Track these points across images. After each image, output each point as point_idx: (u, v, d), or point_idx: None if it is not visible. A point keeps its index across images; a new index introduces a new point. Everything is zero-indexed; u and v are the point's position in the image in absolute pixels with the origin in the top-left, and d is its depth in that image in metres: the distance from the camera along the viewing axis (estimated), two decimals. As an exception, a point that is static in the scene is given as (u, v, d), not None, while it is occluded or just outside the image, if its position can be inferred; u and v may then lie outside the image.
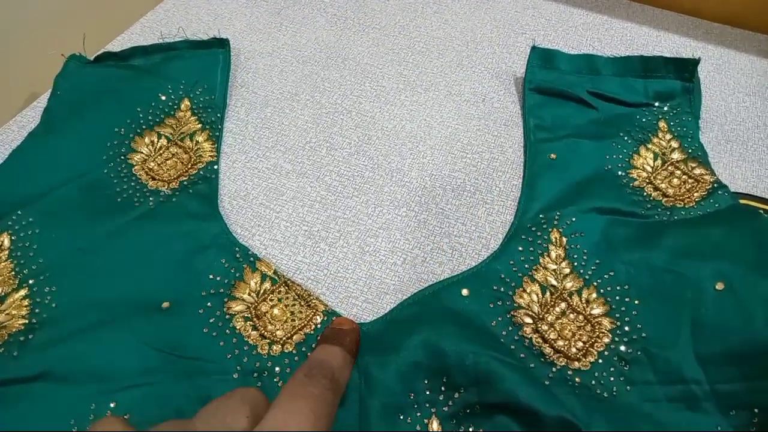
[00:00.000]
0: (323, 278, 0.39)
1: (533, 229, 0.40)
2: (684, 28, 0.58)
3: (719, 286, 0.35)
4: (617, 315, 0.35)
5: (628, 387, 0.32)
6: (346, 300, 0.38)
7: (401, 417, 0.31)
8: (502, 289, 0.36)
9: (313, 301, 0.37)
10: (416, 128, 0.49)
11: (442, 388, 0.32)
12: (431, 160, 0.46)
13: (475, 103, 0.51)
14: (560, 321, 0.35)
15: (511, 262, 0.38)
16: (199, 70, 0.51)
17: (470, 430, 0.31)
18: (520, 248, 0.39)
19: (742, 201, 0.42)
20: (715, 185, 0.42)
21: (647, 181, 0.43)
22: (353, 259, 0.40)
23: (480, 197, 0.44)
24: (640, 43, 0.56)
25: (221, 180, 0.45)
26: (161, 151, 0.45)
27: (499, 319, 0.35)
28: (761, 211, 0.40)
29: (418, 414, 0.31)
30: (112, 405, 0.32)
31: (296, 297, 0.37)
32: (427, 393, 0.32)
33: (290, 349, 0.34)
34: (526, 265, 0.38)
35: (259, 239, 0.41)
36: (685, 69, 0.49)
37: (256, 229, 0.42)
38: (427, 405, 0.31)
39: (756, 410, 0.31)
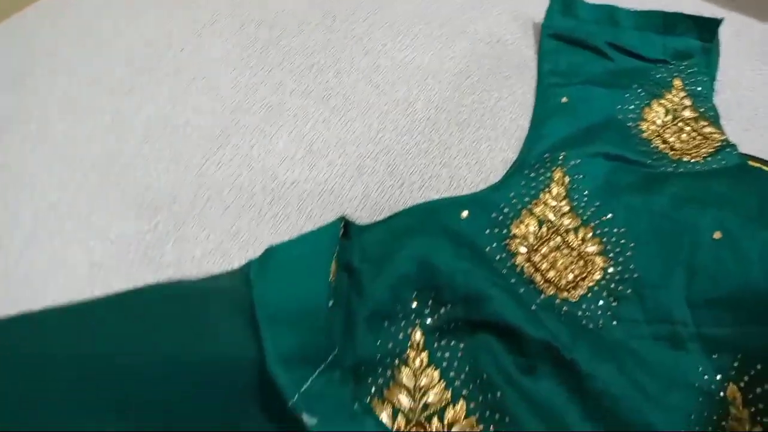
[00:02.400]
0: (319, 194, 0.39)
1: (536, 166, 0.39)
2: (708, -7, 0.56)
3: (716, 235, 0.34)
4: (611, 255, 0.35)
5: (614, 322, 0.32)
6: (339, 216, 0.38)
7: (386, 324, 0.31)
8: (500, 218, 0.36)
9: None
10: (427, 61, 0.48)
11: (429, 302, 0.32)
12: (438, 93, 0.45)
13: (490, 43, 0.49)
14: (554, 254, 0.35)
15: (512, 195, 0.37)
16: None
17: (452, 343, 0.31)
18: (522, 182, 0.38)
19: (750, 162, 0.41)
20: (724, 143, 0.41)
21: (656, 134, 0.42)
22: (350, 178, 0.40)
23: (484, 133, 0.43)
24: (661, 3, 0.55)
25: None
26: None
27: (494, 245, 0.35)
28: (768, 170, 0.39)
29: (403, 323, 0.31)
30: None
31: None
32: (414, 305, 0.31)
33: None
34: (526, 199, 0.37)
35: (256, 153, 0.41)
36: (706, 29, 0.48)
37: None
38: (413, 316, 0.31)
39: (739, 355, 0.31)
